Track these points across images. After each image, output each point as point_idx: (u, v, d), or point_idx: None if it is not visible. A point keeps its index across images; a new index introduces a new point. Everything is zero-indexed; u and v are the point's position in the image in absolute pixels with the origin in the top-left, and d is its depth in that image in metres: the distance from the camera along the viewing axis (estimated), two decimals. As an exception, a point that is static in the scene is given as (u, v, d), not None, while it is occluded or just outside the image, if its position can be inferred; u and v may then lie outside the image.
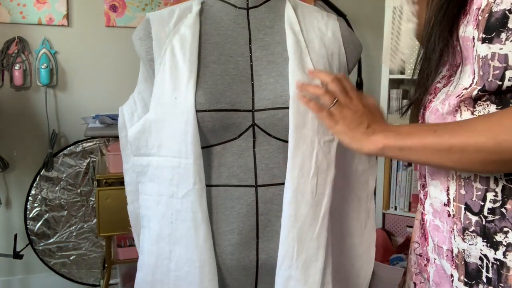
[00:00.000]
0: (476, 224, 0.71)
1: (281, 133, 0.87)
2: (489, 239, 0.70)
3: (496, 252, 0.69)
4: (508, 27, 0.63)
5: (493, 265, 0.69)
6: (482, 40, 0.66)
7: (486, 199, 0.70)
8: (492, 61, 0.66)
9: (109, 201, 1.86)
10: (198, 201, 0.84)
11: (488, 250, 0.70)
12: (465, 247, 0.72)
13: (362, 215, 1.00)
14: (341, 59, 0.95)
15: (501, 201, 0.68)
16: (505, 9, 0.63)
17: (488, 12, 0.65)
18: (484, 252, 0.70)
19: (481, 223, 0.70)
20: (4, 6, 2.20)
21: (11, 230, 2.31)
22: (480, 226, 0.70)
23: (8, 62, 2.22)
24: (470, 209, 0.71)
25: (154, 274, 0.91)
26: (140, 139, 0.88)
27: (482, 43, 0.66)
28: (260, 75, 0.89)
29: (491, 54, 0.66)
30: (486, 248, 0.70)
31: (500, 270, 0.69)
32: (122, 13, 2.37)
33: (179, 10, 0.93)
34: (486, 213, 0.70)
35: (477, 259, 0.71)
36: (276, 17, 0.94)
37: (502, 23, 0.64)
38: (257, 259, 0.89)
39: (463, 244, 0.72)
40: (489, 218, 0.69)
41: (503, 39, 0.64)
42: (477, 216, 0.71)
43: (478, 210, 0.71)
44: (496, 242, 0.69)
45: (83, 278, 2.35)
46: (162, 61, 0.87)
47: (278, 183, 0.88)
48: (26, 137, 2.31)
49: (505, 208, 0.68)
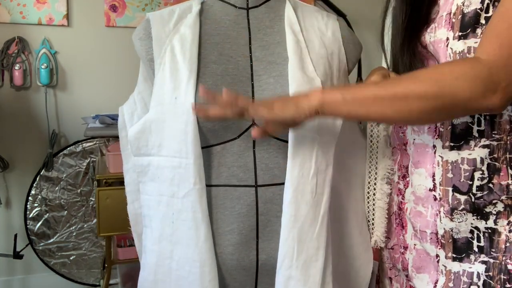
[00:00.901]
0: (465, 202, 0.77)
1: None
2: (479, 212, 0.77)
3: (487, 222, 0.76)
4: (481, 23, 0.74)
5: (484, 234, 0.76)
6: (458, 38, 0.76)
7: (474, 178, 0.76)
8: (469, 53, 0.75)
9: (109, 201, 1.86)
10: (198, 201, 0.84)
11: (479, 222, 0.77)
12: (453, 226, 0.78)
13: (360, 215, 1.00)
14: (341, 59, 0.95)
15: (488, 178, 0.76)
16: (476, 8, 0.74)
17: (460, 14, 0.75)
18: (475, 224, 0.77)
19: (470, 200, 0.77)
20: (4, 6, 2.20)
21: (11, 230, 2.31)
22: (470, 204, 0.77)
23: (8, 62, 2.22)
24: (459, 190, 0.78)
25: (156, 274, 0.91)
26: (140, 139, 0.89)
27: (458, 41, 0.75)
28: (260, 75, 0.89)
29: (467, 48, 0.75)
30: (476, 221, 0.77)
31: (492, 237, 0.76)
32: (122, 13, 2.37)
33: (179, 10, 0.93)
34: (475, 190, 0.77)
35: (467, 233, 0.77)
36: (276, 17, 0.94)
37: (476, 21, 0.74)
38: (257, 259, 0.89)
39: (451, 224, 0.78)
40: (478, 195, 0.76)
41: (479, 33, 0.74)
42: (466, 195, 0.77)
43: (466, 189, 0.77)
44: (486, 213, 0.76)
45: (83, 278, 2.35)
46: (162, 61, 0.87)
47: (278, 183, 0.88)
48: (26, 137, 2.31)
49: (492, 183, 0.76)
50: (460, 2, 0.76)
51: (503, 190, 0.75)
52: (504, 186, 0.75)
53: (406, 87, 0.69)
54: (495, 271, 0.75)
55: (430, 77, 0.68)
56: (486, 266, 0.76)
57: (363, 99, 0.72)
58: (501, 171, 0.75)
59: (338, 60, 0.94)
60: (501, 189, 0.75)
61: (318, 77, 0.88)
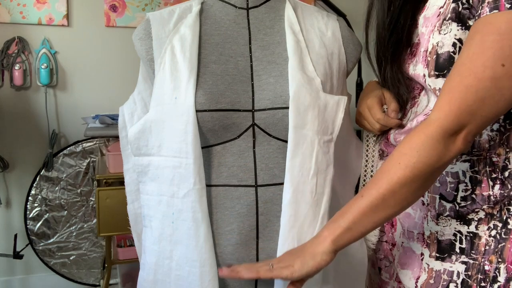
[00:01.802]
0: (450, 209, 0.83)
1: (281, 133, 0.87)
2: (462, 219, 0.83)
3: (469, 227, 0.82)
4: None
5: (466, 237, 0.82)
6: (435, 76, 0.79)
7: (459, 189, 0.82)
8: None
9: (109, 201, 1.86)
10: (198, 201, 0.84)
11: (461, 227, 0.83)
12: (438, 229, 0.84)
13: None
14: (341, 59, 0.95)
15: (471, 189, 0.81)
16: (449, 51, 0.77)
17: (435, 54, 0.79)
18: (458, 228, 0.83)
19: (455, 208, 0.83)
20: (4, 6, 2.20)
21: (11, 230, 2.31)
22: (454, 211, 0.83)
23: (8, 62, 2.22)
24: (445, 198, 0.83)
25: (155, 274, 0.91)
26: (141, 139, 0.89)
27: (436, 78, 0.79)
28: (260, 75, 0.89)
29: None
30: (460, 225, 0.83)
31: (473, 240, 0.81)
32: (122, 13, 2.37)
33: (179, 10, 0.93)
34: (459, 200, 0.82)
35: (451, 235, 0.83)
36: (276, 17, 0.94)
37: (450, 63, 0.77)
38: (257, 259, 0.89)
39: (436, 227, 0.85)
40: (462, 204, 0.82)
41: None
42: (451, 203, 0.83)
43: (452, 198, 0.83)
44: (469, 220, 0.82)
45: (83, 278, 2.36)
46: (162, 61, 0.87)
47: (278, 183, 0.88)
48: (26, 137, 2.31)
49: (475, 194, 0.81)
50: (435, 42, 0.79)
51: (485, 200, 0.80)
52: (486, 196, 0.80)
53: (387, 185, 0.73)
54: (473, 271, 0.81)
55: (398, 162, 0.72)
56: (466, 266, 0.82)
57: (362, 218, 0.75)
58: (482, 182, 0.81)
59: (338, 60, 0.94)
60: (483, 199, 0.80)
61: (318, 77, 0.88)
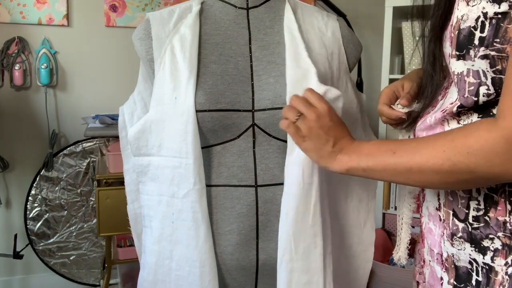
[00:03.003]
0: (463, 230, 0.72)
1: (281, 133, 0.87)
2: (477, 245, 0.71)
3: (484, 257, 0.70)
4: (474, 44, 0.65)
5: (483, 268, 0.71)
6: (457, 57, 0.67)
7: (470, 207, 0.71)
8: (468, 77, 0.67)
9: (109, 201, 1.86)
10: (198, 201, 0.84)
11: (476, 255, 0.71)
12: (454, 251, 0.74)
13: (362, 215, 1.00)
14: (341, 59, 0.95)
15: (484, 210, 0.70)
16: (470, 26, 0.64)
17: (457, 29, 0.66)
18: (473, 256, 0.72)
19: (467, 229, 0.72)
20: (4, 6, 2.20)
21: (11, 230, 2.31)
22: (467, 233, 0.72)
23: (8, 62, 2.22)
24: (457, 215, 0.73)
25: (155, 274, 0.91)
26: (140, 139, 0.89)
27: (457, 60, 0.67)
28: (260, 75, 0.89)
29: (466, 70, 0.67)
30: (474, 253, 0.72)
31: (489, 274, 0.70)
32: (122, 13, 2.37)
33: (179, 10, 0.93)
34: (471, 220, 0.71)
35: (467, 263, 0.72)
36: (276, 17, 0.94)
37: (470, 40, 0.65)
38: (257, 259, 0.89)
39: (452, 249, 0.74)
40: (475, 225, 0.71)
41: (472, 56, 0.65)
42: (463, 223, 0.72)
43: (463, 217, 0.72)
44: (484, 247, 0.70)
45: (83, 278, 2.35)
46: (162, 61, 0.87)
47: (278, 183, 0.88)
48: (26, 137, 2.31)
49: (488, 216, 0.69)
50: (460, 15, 0.67)
51: (500, 227, 0.69)
52: (501, 222, 0.68)
53: (419, 163, 0.68)
54: None
55: (443, 150, 0.65)
56: None
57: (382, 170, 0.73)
58: (498, 204, 0.69)
59: (338, 60, 0.94)
60: (497, 224, 0.69)
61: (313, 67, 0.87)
